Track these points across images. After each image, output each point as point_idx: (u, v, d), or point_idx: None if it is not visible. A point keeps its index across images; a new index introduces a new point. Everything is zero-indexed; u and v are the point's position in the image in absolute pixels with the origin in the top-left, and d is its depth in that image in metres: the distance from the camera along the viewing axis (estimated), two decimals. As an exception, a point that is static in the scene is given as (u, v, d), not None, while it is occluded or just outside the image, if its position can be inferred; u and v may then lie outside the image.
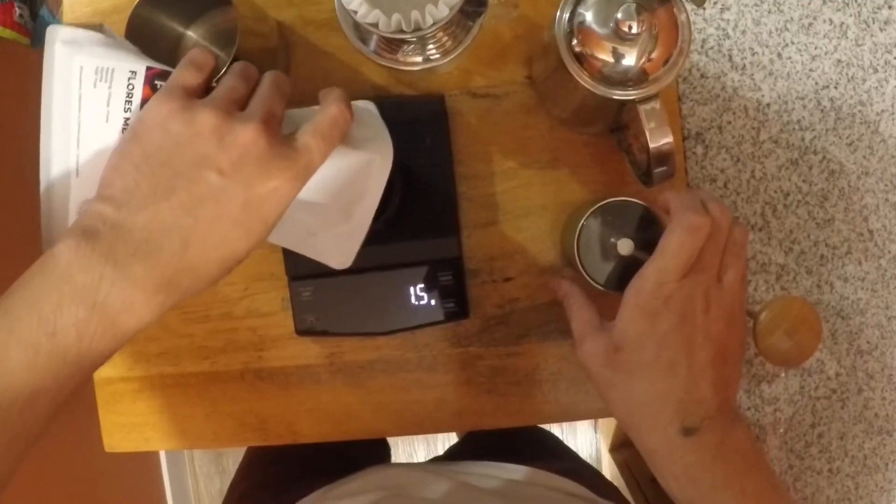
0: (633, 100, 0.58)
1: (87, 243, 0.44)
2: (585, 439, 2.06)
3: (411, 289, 0.69)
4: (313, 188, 0.53)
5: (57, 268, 0.44)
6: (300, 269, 0.70)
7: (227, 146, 0.46)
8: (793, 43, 0.74)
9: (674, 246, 0.53)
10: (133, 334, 0.47)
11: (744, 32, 0.74)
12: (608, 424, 1.89)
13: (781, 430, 0.76)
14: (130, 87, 0.51)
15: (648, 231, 0.62)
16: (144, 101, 0.50)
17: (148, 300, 0.46)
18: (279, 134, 0.48)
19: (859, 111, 0.74)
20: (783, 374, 0.75)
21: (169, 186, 0.46)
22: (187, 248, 0.46)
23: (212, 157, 0.46)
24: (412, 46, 0.63)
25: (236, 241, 0.48)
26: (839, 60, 0.74)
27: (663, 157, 0.59)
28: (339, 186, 0.54)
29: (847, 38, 0.74)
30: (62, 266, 0.44)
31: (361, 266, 0.68)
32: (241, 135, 0.46)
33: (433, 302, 0.69)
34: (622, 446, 1.72)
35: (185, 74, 0.50)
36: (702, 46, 0.74)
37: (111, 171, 0.48)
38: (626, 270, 0.62)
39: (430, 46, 0.64)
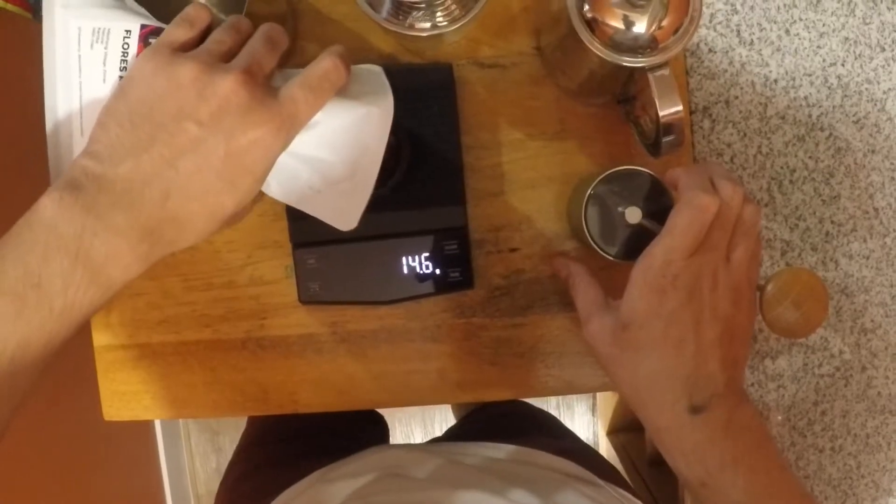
0: (643, 67, 0.58)
1: (70, 196, 0.45)
2: (583, 422, 2.06)
3: (416, 258, 0.69)
4: (314, 142, 0.53)
5: (41, 221, 0.45)
6: (304, 237, 0.69)
7: (207, 97, 0.46)
8: (801, 19, 0.74)
9: (681, 225, 0.53)
10: (120, 286, 0.47)
11: (752, 8, 0.73)
12: (606, 407, 1.89)
13: (784, 408, 0.76)
14: (125, 46, 0.52)
15: (656, 200, 0.62)
16: None
17: (131, 249, 0.46)
18: (264, 85, 0.49)
19: (866, 89, 0.74)
20: (787, 352, 0.75)
21: (150, 139, 0.47)
22: (168, 198, 0.47)
23: (191, 109, 0.46)
24: (420, 13, 0.63)
25: (221, 192, 0.48)
26: (847, 38, 0.74)
27: (672, 126, 0.58)
28: (339, 141, 0.54)
29: (855, 15, 0.74)
30: (46, 219, 0.45)
31: (366, 234, 0.68)
32: (221, 85, 0.46)
33: (438, 271, 0.69)
34: (620, 429, 1.72)
35: (175, 31, 0.50)
36: (710, 21, 0.73)
37: (96, 128, 0.48)
38: (635, 240, 0.62)
39: (439, 14, 0.63)
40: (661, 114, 0.57)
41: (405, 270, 0.69)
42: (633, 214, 0.61)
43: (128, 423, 0.77)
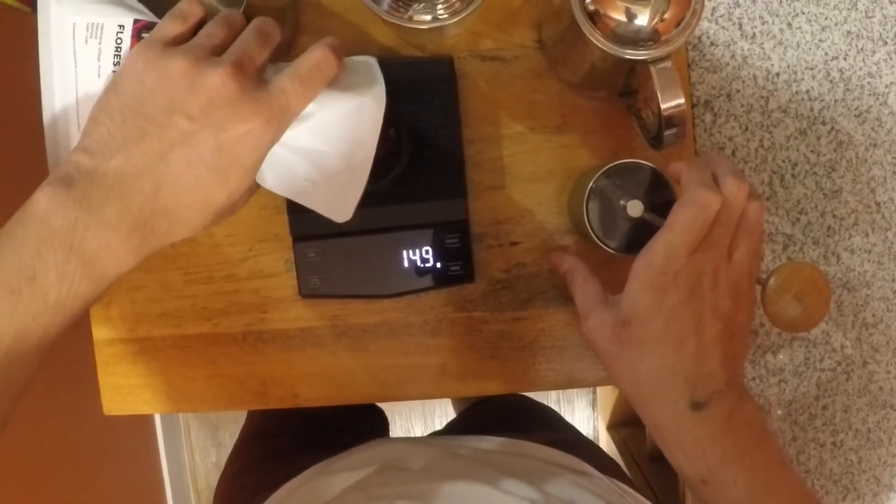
0: (645, 60, 0.57)
1: (62, 190, 0.46)
2: (583, 417, 2.06)
3: (417, 251, 0.69)
4: (308, 134, 0.53)
5: (35, 215, 0.46)
6: (305, 230, 0.69)
7: (197, 91, 0.47)
8: (803, 13, 0.73)
9: (683, 221, 0.53)
10: (114, 278, 0.48)
11: (754, 1, 0.73)
12: (606, 402, 1.89)
13: (785, 402, 0.76)
14: (119, 41, 0.53)
15: (658, 194, 0.62)
16: None
17: (123, 241, 0.47)
18: (254, 78, 0.49)
19: (868, 83, 0.74)
20: (788, 346, 0.75)
21: (140, 133, 0.47)
22: (159, 190, 0.47)
23: (181, 102, 0.47)
24: (421, 6, 0.63)
25: (212, 185, 0.49)
26: (849, 32, 0.74)
27: (674, 118, 0.58)
28: (333, 133, 0.54)
29: (857, 9, 0.73)
30: (39, 213, 0.46)
31: (367, 227, 0.68)
32: (211, 78, 0.47)
33: (439, 265, 0.69)
34: (620, 424, 1.72)
35: (167, 25, 0.51)
36: (712, 14, 0.73)
37: (89, 123, 0.49)
38: (636, 233, 0.61)
39: (440, 6, 0.63)
40: (663, 107, 0.57)
41: (406, 264, 0.69)
42: (635, 208, 0.60)
43: (128, 417, 0.77)
